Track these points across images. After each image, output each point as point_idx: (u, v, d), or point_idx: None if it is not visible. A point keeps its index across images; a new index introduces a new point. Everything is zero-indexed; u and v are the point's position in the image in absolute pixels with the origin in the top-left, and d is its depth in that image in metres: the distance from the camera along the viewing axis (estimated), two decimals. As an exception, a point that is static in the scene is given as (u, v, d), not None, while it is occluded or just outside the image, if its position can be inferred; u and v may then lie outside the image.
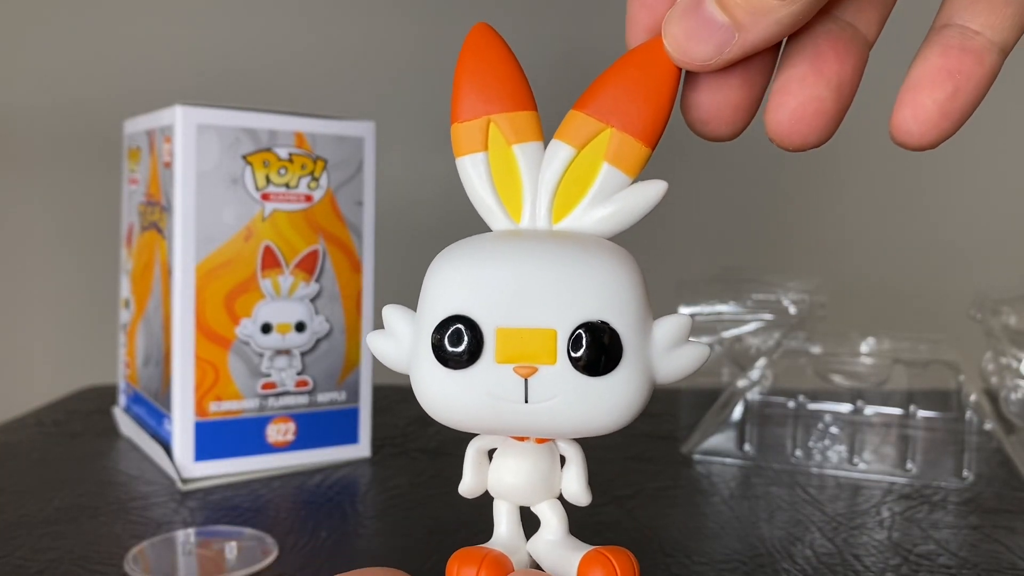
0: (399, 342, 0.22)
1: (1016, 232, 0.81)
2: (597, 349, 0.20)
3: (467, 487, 0.23)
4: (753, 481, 0.44)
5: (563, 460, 0.23)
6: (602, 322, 0.20)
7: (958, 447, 0.44)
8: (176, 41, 0.74)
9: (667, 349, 0.21)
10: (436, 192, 0.78)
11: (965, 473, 0.44)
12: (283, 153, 0.42)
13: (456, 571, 0.22)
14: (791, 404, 0.46)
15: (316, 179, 0.43)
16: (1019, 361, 0.51)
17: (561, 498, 0.23)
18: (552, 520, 0.23)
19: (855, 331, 0.50)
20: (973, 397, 0.45)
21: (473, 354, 0.21)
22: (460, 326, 0.21)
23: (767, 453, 0.46)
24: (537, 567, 0.23)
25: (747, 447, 0.46)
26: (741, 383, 0.48)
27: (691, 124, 0.22)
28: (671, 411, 0.57)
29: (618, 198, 0.22)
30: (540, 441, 0.23)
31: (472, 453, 0.23)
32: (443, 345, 0.21)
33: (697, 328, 0.61)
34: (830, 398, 0.46)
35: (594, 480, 0.24)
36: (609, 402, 0.21)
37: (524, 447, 0.23)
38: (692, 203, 0.80)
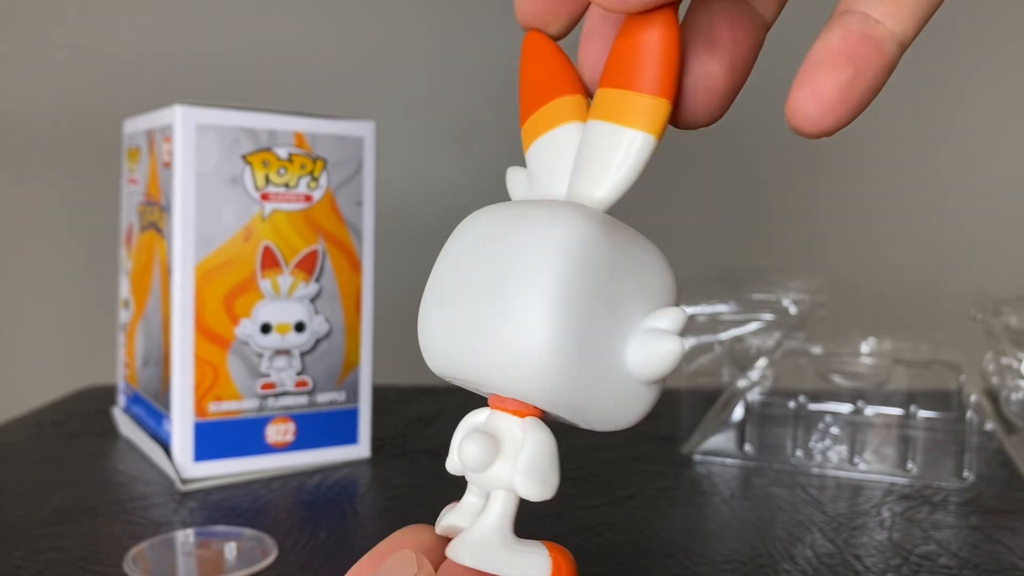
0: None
1: (1016, 232, 0.81)
2: None
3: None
4: (753, 481, 0.44)
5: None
6: None
7: (959, 447, 0.44)
8: (176, 41, 0.74)
9: None
10: (436, 192, 0.78)
11: (966, 473, 0.44)
12: (283, 153, 0.42)
13: None
14: (791, 404, 0.46)
15: (316, 179, 0.43)
16: (1020, 361, 0.51)
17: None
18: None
19: (855, 331, 0.50)
20: (974, 397, 0.45)
21: None
22: None
23: (767, 453, 0.46)
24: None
25: (747, 447, 0.46)
26: (741, 383, 0.48)
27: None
28: (671, 411, 0.57)
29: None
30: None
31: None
32: None
33: (697, 328, 0.61)
34: (830, 398, 0.46)
35: (594, 480, 0.23)
36: None
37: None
38: (692, 203, 0.80)
